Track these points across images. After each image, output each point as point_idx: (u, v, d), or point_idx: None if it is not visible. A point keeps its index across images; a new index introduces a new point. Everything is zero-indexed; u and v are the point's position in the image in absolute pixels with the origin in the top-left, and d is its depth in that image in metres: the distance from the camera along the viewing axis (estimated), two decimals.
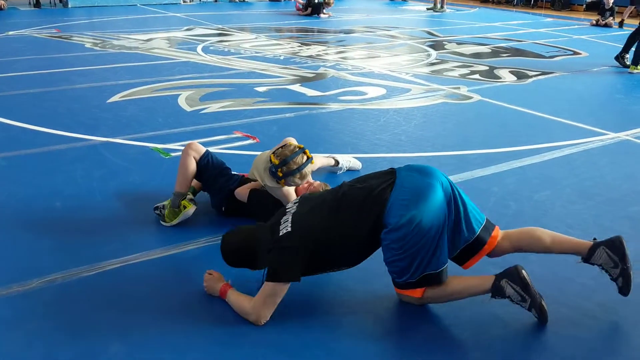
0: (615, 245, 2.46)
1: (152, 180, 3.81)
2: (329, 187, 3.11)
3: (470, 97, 6.10)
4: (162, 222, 3.22)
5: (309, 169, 3.01)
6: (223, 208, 3.31)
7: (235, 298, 2.50)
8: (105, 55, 7.95)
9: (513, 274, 2.34)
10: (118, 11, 12.99)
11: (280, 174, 2.95)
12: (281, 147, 3.04)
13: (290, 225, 2.43)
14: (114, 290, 2.62)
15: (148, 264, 2.84)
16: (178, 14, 12.77)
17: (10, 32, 9.64)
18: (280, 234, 2.43)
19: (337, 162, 3.91)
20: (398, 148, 4.55)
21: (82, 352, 2.23)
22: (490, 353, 2.28)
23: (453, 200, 2.45)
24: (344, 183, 2.61)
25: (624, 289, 2.46)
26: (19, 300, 2.53)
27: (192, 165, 3.22)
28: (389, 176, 2.49)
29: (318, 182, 3.23)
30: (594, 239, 2.54)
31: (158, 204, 3.28)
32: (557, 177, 3.99)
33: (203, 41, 9.19)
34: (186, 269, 2.82)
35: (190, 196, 3.29)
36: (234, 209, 3.29)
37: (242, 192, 3.21)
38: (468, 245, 2.52)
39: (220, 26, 11.01)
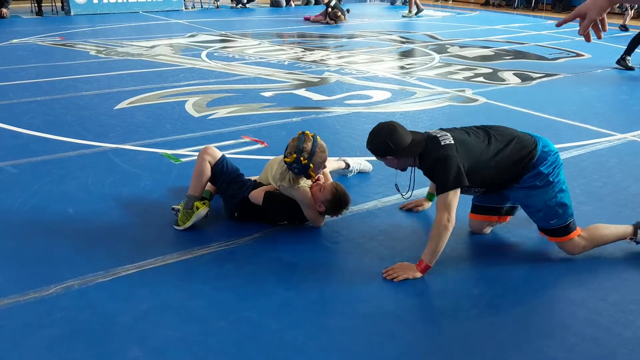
0: None
1: (164, 186, 3.82)
2: (342, 186, 3.20)
3: (476, 100, 6.12)
4: (175, 226, 3.23)
5: (322, 142, 3.10)
6: (235, 214, 3.32)
7: (430, 248, 2.75)
8: (110, 62, 7.98)
9: None
10: (120, 18, 13.03)
11: (306, 161, 2.99)
12: (286, 147, 3.10)
13: (451, 138, 2.77)
14: (131, 295, 2.63)
15: (163, 269, 2.85)
16: (180, 21, 12.81)
17: (14, 40, 9.68)
18: (442, 143, 2.75)
19: (347, 165, 3.93)
20: None
21: (101, 357, 2.24)
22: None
23: None
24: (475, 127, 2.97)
25: None
26: (37, 306, 2.54)
27: (207, 170, 3.24)
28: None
29: (330, 182, 3.26)
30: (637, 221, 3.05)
31: (175, 206, 3.31)
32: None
33: (207, 47, 9.22)
34: (201, 273, 2.83)
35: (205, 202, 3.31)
36: (246, 215, 3.31)
37: (256, 195, 3.22)
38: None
39: (223, 32, 11.05)
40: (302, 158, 3.00)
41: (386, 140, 2.78)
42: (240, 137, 4.81)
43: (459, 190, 2.74)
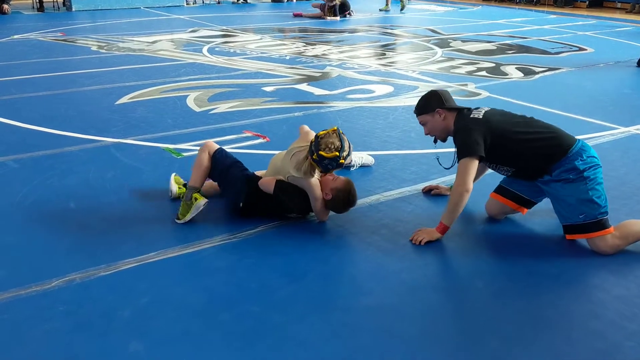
0: None
1: (165, 180, 3.79)
2: (352, 182, 3.22)
3: (479, 94, 6.10)
4: (176, 220, 3.22)
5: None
6: (241, 202, 3.26)
7: (448, 210, 2.97)
8: (112, 57, 7.96)
9: None
10: (121, 14, 13.02)
11: (343, 161, 3.05)
12: (320, 139, 3.04)
13: (482, 115, 3.02)
14: (132, 289, 2.62)
15: (165, 263, 2.84)
16: (181, 16, 12.80)
17: (16, 36, 9.67)
18: (471, 116, 3.02)
19: (350, 160, 3.91)
20: (409, 145, 4.55)
21: (103, 350, 2.23)
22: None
23: None
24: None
25: None
26: (38, 300, 2.53)
27: (206, 160, 3.27)
28: None
29: (342, 176, 3.25)
30: None
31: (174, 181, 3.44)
32: None
33: (208, 42, 9.21)
34: (203, 267, 2.82)
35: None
36: (252, 204, 3.27)
37: (266, 183, 3.20)
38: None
39: (224, 27, 11.03)
40: (341, 158, 3.03)
41: (437, 93, 3.14)
42: (242, 131, 4.79)
43: (476, 161, 2.92)
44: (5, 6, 12.77)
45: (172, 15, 13.11)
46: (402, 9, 13.97)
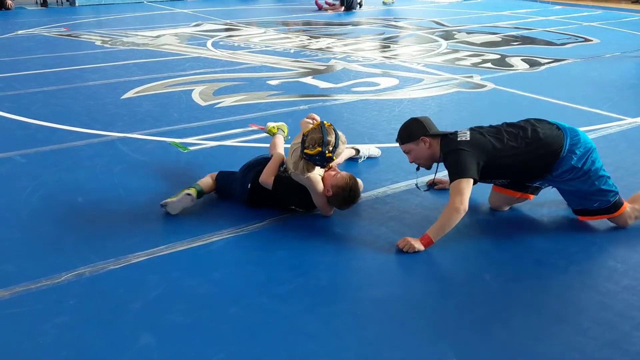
0: None
1: (172, 174, 3.81)
2: (356, 180, 3.20)
3: (484, 86, 6.08)
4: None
5: (341, 134, 3.11)
6: (249, 182, 3.27)
7: (437, 225, 2.85)
8: (116, 52, 7.96)
9: None
10: (125, 9, 13.01)
11: (330, 154, 3.00)
12: (305, 137, 3.04)
13: (469, 135, 2.93)
14: (142, 282, 2.63)
15: (173, 256, 2.85)
16: (185, 10, 12.78)
17: (20, 31, 9.68)
18: (459, 139, 2.92)
19: (357, 152, 3.92)
20: None
21: (113, 343, 2.24)
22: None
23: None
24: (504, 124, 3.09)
25: None
26: (48, 294, 2.54)
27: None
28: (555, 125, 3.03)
29: (345, 172, 3.24)
30: None
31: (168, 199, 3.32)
32: None
33: (212, 36, 9.19)
34: (212, 260, 2.83)
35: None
36: (257, 196, 3.28)
37: (265, 180, 3.19)
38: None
39: (228, 21, 11.01)
40: (327, 152, 2.98)
41: (419, 120, 3.07)
42: (247, 125, 4.79)
43: (470, 181, 2.83)
44: (9, 2, 12.77)
45: (176, 9, 13.09)
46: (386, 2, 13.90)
